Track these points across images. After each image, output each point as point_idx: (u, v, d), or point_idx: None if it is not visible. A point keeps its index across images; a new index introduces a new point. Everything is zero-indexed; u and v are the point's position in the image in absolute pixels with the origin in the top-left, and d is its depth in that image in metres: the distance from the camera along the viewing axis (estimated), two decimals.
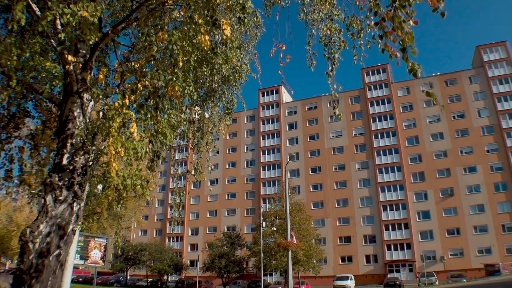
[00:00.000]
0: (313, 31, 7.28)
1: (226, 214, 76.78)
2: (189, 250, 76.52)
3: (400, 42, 4.88)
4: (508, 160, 62.68)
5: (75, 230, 6.08)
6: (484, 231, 60.12)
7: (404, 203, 65.29)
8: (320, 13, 7.17)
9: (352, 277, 52.55)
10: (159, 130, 6.46)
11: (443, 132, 67.97)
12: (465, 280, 49.98)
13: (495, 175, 62.98)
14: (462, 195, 63.15)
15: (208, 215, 77.95)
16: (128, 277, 65.42)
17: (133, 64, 6.69)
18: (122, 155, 5.90)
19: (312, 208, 68.41)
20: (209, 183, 77.06)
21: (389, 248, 63.49)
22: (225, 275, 58.25)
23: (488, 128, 66.15)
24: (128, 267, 63.32)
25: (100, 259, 20.85)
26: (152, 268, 62.41)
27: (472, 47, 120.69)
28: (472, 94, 69.07)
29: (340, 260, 65.96)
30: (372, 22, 6.29)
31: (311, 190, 71.95)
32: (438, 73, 72.75)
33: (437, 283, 51.36)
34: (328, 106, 76.14)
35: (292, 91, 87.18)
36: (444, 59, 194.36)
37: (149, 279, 62.86)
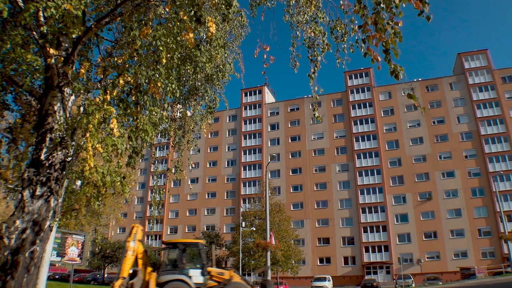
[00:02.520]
0: (297, 33, 7.30)
1: (205, 213, 76.58)
2: None
3: (383, 43, 4.92)
4: (485, 166, 63.87)
5: (52, 227, 5.99)
6: (461, 235, 61.17)
7: (383, 205, 66.00)
8: (305, 15, 7.19)
9: (330, 278, 52.81)
10: (140, 126, 6.40)
11: (422, 137, 68.94)
12: (441, 283, 50.66)
13: (472, 180, 64.12)
14: (439, 199, 64.13)
15: (187, 214, 77.62)
16: (106, 275, 64.65)
17: (116, 59, 6.62)
18: (101, 151, 5.84)
19: (291, 209, 68.65)
20: (189, 182, 76.72)
21: (367, 250, 64.10)
22: None
23: (467, 134, 67.34)
24: (106, 265, 62.66)
25: (77, 256, 20.58)
26: None
27: (454, 54, 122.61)
28: (452, 100, 70.23)
29: (318, 261, 66.32)
30: (356, 26, 6.34)
31: (291, 191, 72.21)
32: (420, 79, 73.78)
33: (413, 285, 51.95)
34: (311, 108, 76.37)
35: (274, 93, 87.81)
36: (426, 65, 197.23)
37: None
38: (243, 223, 48.81)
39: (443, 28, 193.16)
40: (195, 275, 17.46)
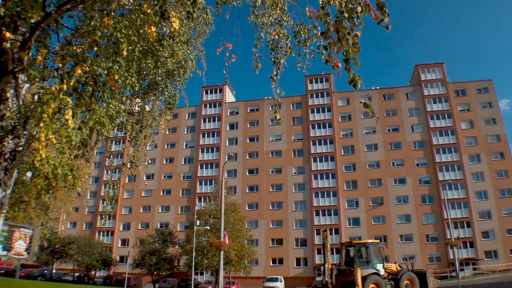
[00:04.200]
0: (261, 34, 7.32)
1: (160, 210, 75.62)
2: (119, 245, 74.63)
3: (344, 53, 5.01)
4: (435, 174, 66.31)
5: None
6: (409, 239, 63.18)
7: (336, 209, 67.25)
8: (270, 17, 7.21)
9: (282, 278, 53.43)
10: (96, 119, 6.26)
11: (377, 144, 70.79)
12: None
13: (422, 187, 66.43)
14: (391, 205, 66.02)
15: (141, 210, 76.37)
16: (54, 271, 62.72)
17: (75, 48, 6.44)
18: (54, 142, 5.66)
19: (246, 209, 68.87)
20: (144, 178, 75.75)
21: (319, 252, 65.02)
22: (155, 273, 57.22)
23: (419, 143, 69.75)
24: (54, 260, 60.69)
25: (25, 251, 19.93)
26: (79, 263, 60.20)
27: (412, 65, 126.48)
28: (407, 110, 72.58)
29: (271, 262, 66.79)
30: (319, 33, 6.42)
31: (247, 191, 72.40)
32: (378, 87, 75.79)
33: None
34: (270, 109, 77.03)
35: (234, 92, 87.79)
36: (384, 74, 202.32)
37: (76, 274, 60.62)
38: (198, 222, 48.44)
39: (403, 39, 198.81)
40: (380, 269, 22.27)
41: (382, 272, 22.22)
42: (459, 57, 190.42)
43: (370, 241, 23.95)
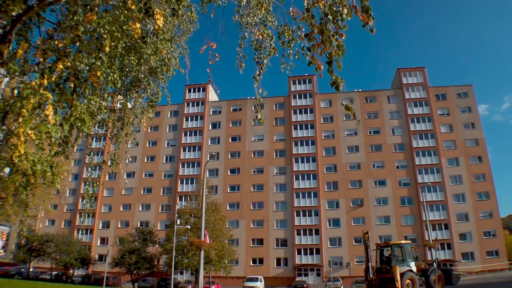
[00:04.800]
0: (246, 34, 7.32)
1: (140, 209, 74.99)
2: (98, 243, 73.78)
3: (327, 55, 5.04)
4: (415, 177, 67.19)
5: None
6: (389, 241, 63.70)
7: (317, 209, 67.60)
8: (255, 17, 7.22)
9: (262, 278, 53.47)
10: (77, 115, 6.18)
11: (358, 146, 71.44)
12: None
13: (402, 189, 67.24)
14: (371, 206, 66.66)
15: (121, 209, 75.62)
16: (31, 269, 61.66)
17: (56, 43, 6.34)
18: (33, 138, 5.58)
19: (228, 208, 68.76)
20: (125, 176, 75.03)
21: (299, 252, 65.39)
22: (134, 272, 56.59)
23: (399, 145, 70.63)
24: (32, 258, 59.70)
25: (1, 248, 19.55)
26: (57, 261, 59.30)
27: (394, 68, 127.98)
28: (388, 112, 73.41)
29: (251, 262, 66.80)
30: (303, 34, 6.44)
31: (228, 191, 72.31)
32: (360, 90, 76.41)
33: (342, 287, 53.60)
34: (253, 109, 76.97)
35: (218, 91, 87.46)
36: (367, 77, 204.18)
37: (54, 272, 59.69)
38: (178, 221, 48.12)
39: (386, 43, 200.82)
40: (412, 266, 24.88)
41: (414, 269, 24.88)
42: (440, 62, 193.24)
43: (403, 242, 26.95)
